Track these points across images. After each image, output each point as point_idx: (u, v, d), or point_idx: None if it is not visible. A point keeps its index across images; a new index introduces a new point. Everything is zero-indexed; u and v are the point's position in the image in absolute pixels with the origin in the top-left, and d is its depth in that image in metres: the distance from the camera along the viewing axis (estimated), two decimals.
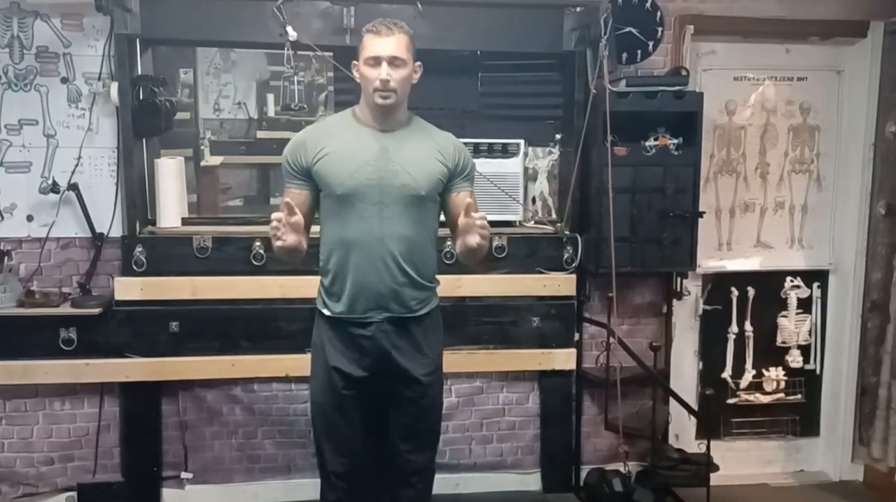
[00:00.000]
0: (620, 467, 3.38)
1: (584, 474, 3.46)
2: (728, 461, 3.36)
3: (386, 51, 2.10)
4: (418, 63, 2.22)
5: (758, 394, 3.62)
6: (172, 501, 3.25)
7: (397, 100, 2.16)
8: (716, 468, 3.15)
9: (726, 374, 3.60)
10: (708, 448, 3.16)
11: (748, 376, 3.60)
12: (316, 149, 2.19)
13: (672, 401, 3.36)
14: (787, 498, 3.47)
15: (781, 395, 3.64)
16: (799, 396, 3.66)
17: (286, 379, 3.25)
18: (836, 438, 3.66)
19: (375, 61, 2.10)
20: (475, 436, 3.43)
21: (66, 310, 2.97)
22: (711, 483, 3.12)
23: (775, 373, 3.62)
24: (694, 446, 3.44)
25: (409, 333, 2.27)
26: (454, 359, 3.28)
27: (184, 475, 3.24)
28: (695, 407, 3.41)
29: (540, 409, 3.46)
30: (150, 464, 3.20)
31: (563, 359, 3.38)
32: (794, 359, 3.62)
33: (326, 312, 2.29)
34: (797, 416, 3.69)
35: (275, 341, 3.16)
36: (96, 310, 2.96)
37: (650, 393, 3.29)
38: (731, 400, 3.61)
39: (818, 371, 3.67)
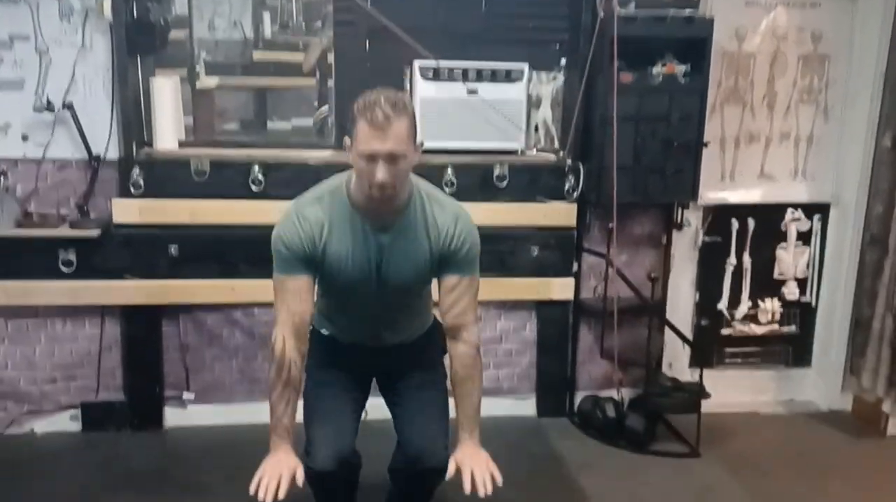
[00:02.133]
0: (614, 394, 3.45)
1: (578, 400, 3.53)
2: (719, 389, 3.42)
3: (383, 147, 1.78)
4: (420, 142, 1.91)
5: (752, 325, 3.66)
6: (175, 420, 3.32)
7: (396, 194, 1.89)
8: (707, 395, 3.21)
9: (722, 306, 3.63)
10: (701, 376, 3.22)
11: (744, 307, 3.63)
12: (319, 238, 1.95)
13: (667, 331, 3.40)
14: (776, 427, 3.56)
15: (776, 327, 3.68)
16: (793, 327, 3.71)
17: None
18: (828, 369, 3.72)
19: (371, 158, 1.79)
20: None
21: (64, 231, 2.96)
22: (702, 410, 3.19)
23: (771, 305, 3.65)
24: (687, 375, 3.50)
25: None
26: None
27: (185, 395, 3.30)
28: (690, 337, 3.46)
29: (537, 337, 3.50)
30: (152, 384, 3.26)
31: (560, 288, 3.40)
32: (791, 292, 3.65)
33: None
34: (790, 347, 3.75)
35: None
36: (95, 232, 2.95)
37: (646, 323, 3.32)
38: (725, 331, 3.65)
39: (813, 303, 3.71)
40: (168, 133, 3.09)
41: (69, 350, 3.18)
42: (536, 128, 3.37)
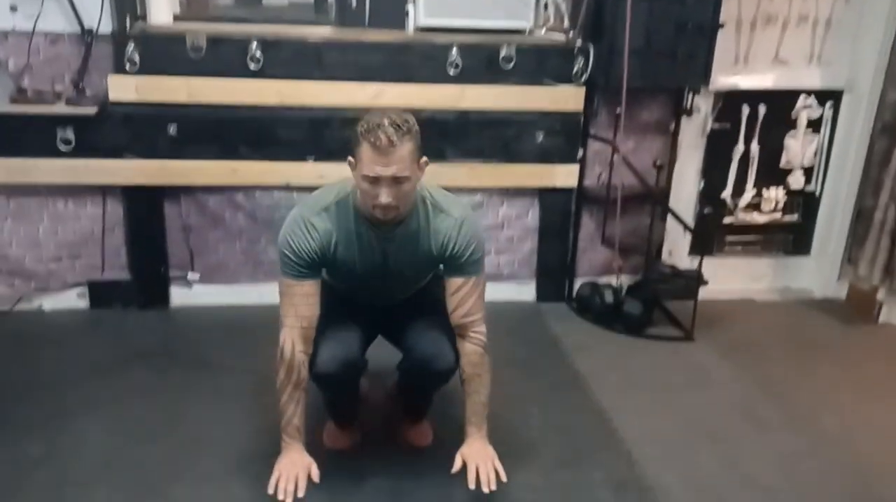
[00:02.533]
0: (613, 280, 3.50)
1: (577, 286, 3.58)
2: (717, 277, 3.47)
3: (387, 171, 1.78)
4: (424, 160, 1.89)
5: (755, 214, 3.66)
6: (180, 299, 3.37)
7: (400, 213, 1.90)
8: (705, 282, 3.26)
9: (726, 194, 3.61)
10: (700, 264, 3.25)
11: (748, 196, 3.62)
12: (328, 247, 1.96)
13: (669, 219, 3.40)
14: (770, 313, 3.63)
15: (778, 215, 3.69)
16: (795, 216, 3.71)
17: (288, 188, 3.26)
18: (826, 258, 3.76)
19: (375, 181, 1.80)
20: None
21: (61, 108, 2.89)
22: (699, 297, 3.25)
23: (775, 194, 3.64)
24: (686, 262, 3.53)
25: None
26: (456, 173, 3.28)
27: (190, 275, 3.34)
28: (691, 226, 3.46)
29: (538, 224, 3.51)
30: (157, 264, 3.29)
31: (564, 175, 3.37)
32: (796, 180, 3.63)
33: None
34: (790, 236, 3.76)
35: (275, 148, 3.13)
36: (92, 110, 2.88)
37: (649, 211, 3.32)
38: (727, 220, 3.66)
39: (818, 192, 3.69)
40: (162, 5, 2.97)
41: (72, 229, 3.19)
42: (546, 6, 3.24)
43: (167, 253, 3.29)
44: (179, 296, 3.37)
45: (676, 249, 3.62)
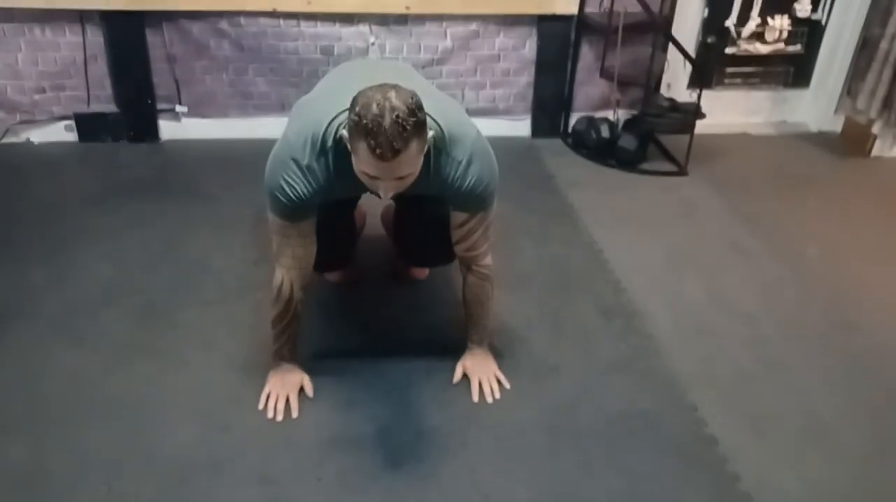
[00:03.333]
0: (610, 115, 3.45)
1: (573, 121, 3.54)
2: (715, 110, 3.42)
3: (389, 174, 1.49)
4: (430, 134, 1.55)
5: (758, 44, 3.56)
6: (169, 132, 3.32)
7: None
8: (703, 116, 3.22)
9: (730, 22, 3.48)
10: (699, 97, 3.19)
11: (752, 25, 3.49)
12: (327, 187, 1.67)
13: (670, 51, 3.30)
14: (764, 147, 3.63)
15: (781, 45, 3.58)
16: (798, 47, 3.61)
17: (274, 15, 3.11)
18: (825, 90, 3.70)
19: (374, 177, 1.51)
20: (469, 82, 3.42)
21: None
22: (695, 131, 3.22)
23: (780, 23, 3.51)
24: (685, 96, 3.48)
25: None
26: (450, 0, 3.13)
27: (178, 108, 3.27)
28: (693, 56, 3.37)
29: (536, 56, 3.40)
30: (143, 96, 3.21)
31: (565, 2, 3.24)
32: (803, 8, 3.50)
33: None
34: (792, 67, 3.69)
35: None
36: None
37: (650, 41, 3.21)
38: (729, 50, 3.55)
39: (823, 21, 3.57)
40: None
41: (53, 58, 3.07)
42: None
43: (153, 84, 3.20)
44: (169, 129, 3.32)
45: (676, 82, 3.54)
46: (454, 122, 1.68)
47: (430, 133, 1.54)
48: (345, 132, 1.52)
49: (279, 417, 1.84)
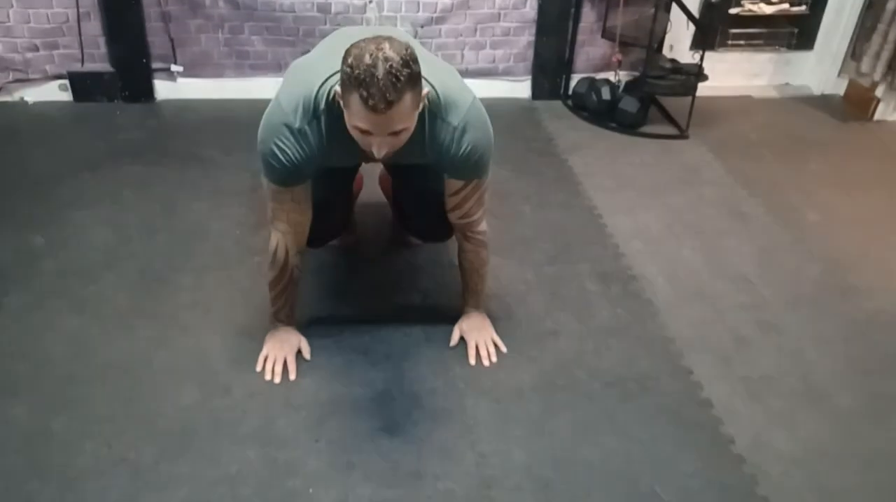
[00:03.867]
0: (611, 76, 3.41)
1: (573, 83, 3.50)
2: (717, 73, 3.39)
3: (382, 128, 1.44)
4: (425, 92, 1.51)
5: (762, 5, 3.50)
6: (165, 92, 3.29)
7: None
8: (705, 78, 3.19)
9: None
10: (702, 58, 3.15)
11: None
12: (320, 154, 1.63)
13: (673, 11, 3.24)
14: (766, 110, 3.59)
15: (786, 6, 3.52)
16: (803, 7, 3.55)
17: None
18: (829, 53, 3.66)
19: (366, 132, 1.46)
20: (468, 42, 3.37)
21: None
22: (697, 93, 3.19)
23: None
24: (687, 57, 3.42)
25: None
26: None
27: (174, 67, 3.23)
28: (697, 16, 3.31)
29: (537, 15, 3.35)
30: (138, 56, 3.16)
31: None
32: None
33: None
34: (796, 29, 3.63)
35: None
36: None
37: (653, 0, 3.15)
38: (734, 10, 3.50)
39: None
40: None
41: (45, 15, 3.02)
42: None
43: (148, 43, 3.15)
44: (164, 89, 3.28)
45: (678, 44, 3.49)
46: (450, 88, 1.64)
47: (426, 90, 1.50)
48: (338, 89, 1.47)
49: (277, 379, 1.86)
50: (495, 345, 2.00)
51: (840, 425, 1.83)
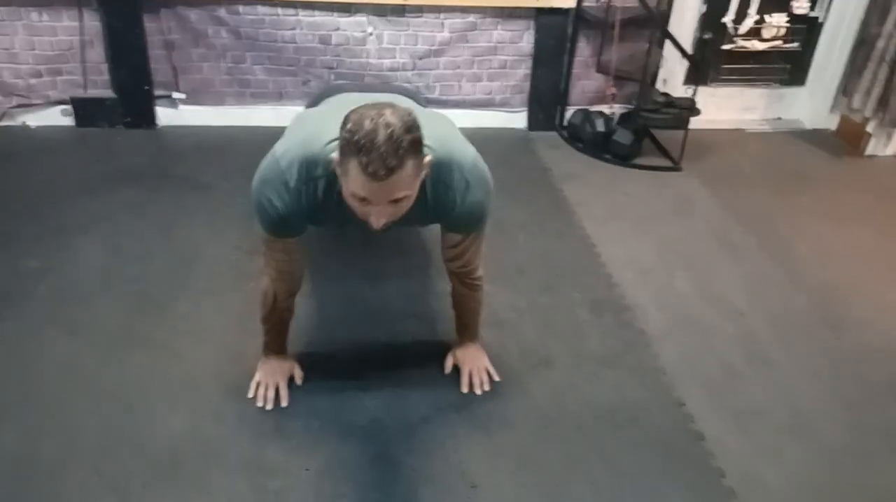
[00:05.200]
0: (605, 109, 3.46)
1: (569, 115, 3.54)
2: (710, 107, 3.44)
3: (381, 197, 1.40)
4: (427, 159, 1.46)
5: (755, 41, 3.56)
6: (167, 118, 3.32)
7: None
8: (698, 112, 3.23)
9: (728, 19, 3.49)
10: (695, 92, 3.20)
11: (749, 21, 3.50)
12: (314, 211, 1.61)
13: (666, 46, 3.30)
14: (759, 144, 3.64)
15: (778, 43, 3.58)
16: (795, 44, 3.61)
17: (272, 3, 3.11)
18: (821, 89, 3.71)
19: (365, 201, 1.41)
20: (466, 74, 3.42)
21: None
22: (690, 126, 3.23)
23: (777, 19, 3.51)
24: (680, 92, 3.48)
25: None
26: None
27: (175, 95, 3.27)
28: (690, 52, 3.37)
29: (533, 49, 3.40)
30: (141, 82, 3.20)
31: None
32: (800, 5, 3.49)
33: None
34: (788, 65, 3.69)
35: None
36: None
37: (647, 36, 3.21)
38: (726, 46, 3.56)
39: (821, 19, 3.57)
40: None
41: (49, 43, 3.07)
42: None
43: (150, 70, 3.19)
44: (166, 116, 3.32)
45: (672, 78, 3.55)
46: (452, 148, 1.62)
47: (428, 158, 1.46)
48: (335, 156, 1.43)
49: (269, 405, 1.86)
50: (488, 374, 2.00)
51: (828, 460, 1.83)
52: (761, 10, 3.48)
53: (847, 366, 2.15)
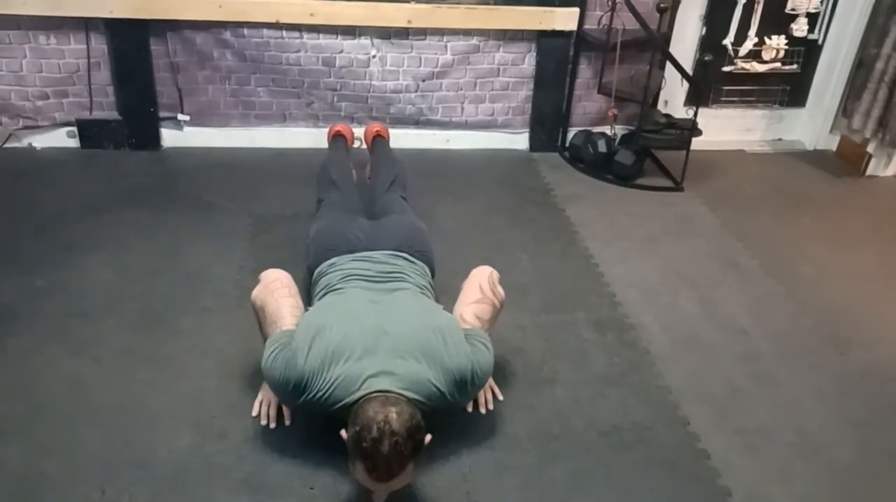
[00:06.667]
0: (607, 130, 3.49)
1: (570, 136, 3.57)
2: (711, 128, 3.46)
3: (383, 491, 1.54)
4: (428, 439, 1.58)
5: (755, 63, 3.60)
6: (172, 140, 3.35)
7: None
8: (699, 133, 3.25)
9: (727, 41, 3.53)
10: (695, 114, 3.23)
11: (749, 44, 3.54)
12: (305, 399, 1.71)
13: (667, 68, 3.34)
14: (760, 164, 3.66)
15: (778, 65, 3.62)
16: (795, 66, 3.65)
17: (277, 26, 3.14)
18: (821, 110, 3.74)
19: (369, 490, 1.56)
20: (468, 95, 3.45)
21: None
22: (691, 148, 3.26)
23: (777, 42, 3.55)
24: (682, 113, 3.51)
25: None
26: (451, 15, 3.17)
27: (180, 116, 3.30)
28: (690, 73, 3.40)
29: (535, 71, 3.44)
30: (146, 104, 3.23)
31: (565, 18, 3.27)
32: (800, 28, 3.53)
33: None
34: (788, 87, 3.72)
35: None
36: None
37: (648, 58, 3.24)
38: (726, 68, 3.60)
39: (820, 41, 3.62)
40: None
41: (57, 65, 3.10)
42: None
43: (155, 92, 3.23)
44: (171, 137, 3.34)
45: (673, 99, 3.58)
46: (455, 366, 1.69)
47: (429, 437, 1.57)
48: (343, 433, 1.58)
49: (272, 424, 1.86)
50: (492, 393, 2.00)
51: (835, 479, 1.82)
52: (760, 33, 3.52)
53: (852, 386, 2.15)
